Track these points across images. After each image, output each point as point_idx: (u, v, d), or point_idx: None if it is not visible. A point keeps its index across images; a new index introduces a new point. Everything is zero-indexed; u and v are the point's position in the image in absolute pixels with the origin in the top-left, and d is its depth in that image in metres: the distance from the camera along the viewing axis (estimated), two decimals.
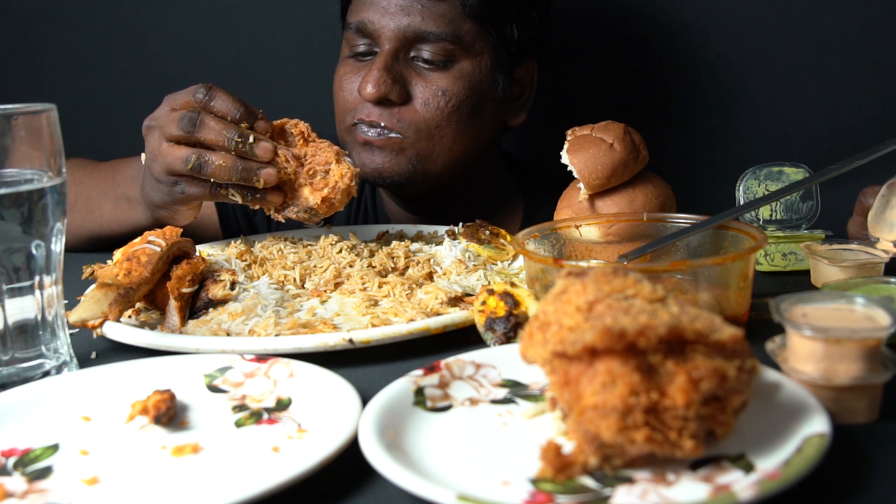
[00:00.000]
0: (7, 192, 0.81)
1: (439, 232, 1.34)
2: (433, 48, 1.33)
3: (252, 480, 0.63)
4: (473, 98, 1.36)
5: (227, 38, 1.96)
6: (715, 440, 0.64)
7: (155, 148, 1.14)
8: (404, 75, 1.34)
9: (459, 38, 1.33)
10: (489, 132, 1.45)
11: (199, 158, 1.09)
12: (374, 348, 0.90)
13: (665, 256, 1.01)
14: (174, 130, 1.10)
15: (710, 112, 1.76)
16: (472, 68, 1.36)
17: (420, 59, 1.34)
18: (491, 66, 1.38)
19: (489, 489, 0.61)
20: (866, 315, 0.72)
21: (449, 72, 1.34)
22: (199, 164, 1.09)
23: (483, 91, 1.38)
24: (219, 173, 1.10)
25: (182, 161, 1.10)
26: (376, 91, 1.30)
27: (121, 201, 1.37)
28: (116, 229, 1.38)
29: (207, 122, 1.09)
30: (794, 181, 1.14)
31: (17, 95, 1.12)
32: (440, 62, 1.33)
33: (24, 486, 0.67)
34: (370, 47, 1.37)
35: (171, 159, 1.11)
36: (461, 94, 1.35)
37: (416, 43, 1.33)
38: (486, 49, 1.37)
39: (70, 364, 0.89)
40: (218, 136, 1.09)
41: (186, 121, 1.09)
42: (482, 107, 1.39)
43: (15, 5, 2.06)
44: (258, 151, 1.10)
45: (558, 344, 0.62)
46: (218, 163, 1.09)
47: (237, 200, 1.13)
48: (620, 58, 1.78)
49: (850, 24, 1.65)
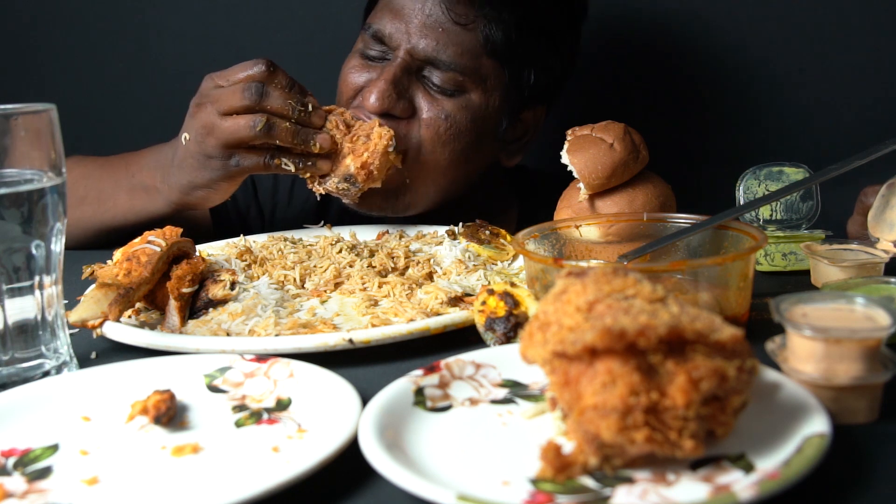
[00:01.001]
0: (7, 192, 0.81)
1: (439, 232, 1.34)
2: (443, 76, 1.30)
3: (252, 480, 0.63)
4: (474, 132, 1.33)
5: (227, 38, 1.96)
6: (715, 440, 0.64)
7: (209, 122, 1.18)
8: (411, 90, 1.30)
9: (473, 72, 1.30)
10: (479, 167, 1.42)
11: (269, 121, 1.16)
12: (374, 348, 0.90)
13: (665, 256, 1.01)
14: (237, 102, 1.16)
15: (710, 112, 1.76)
16: (480, 102, 1.33)
17: (430, 81, 1.31)
18: (499, 105, 1.35)
19: (489, 489, 0.61)
20: (866, 315, 0.72)
21: (455, 99, 1.31)
22: (269, 125, 1.16)
23: (485, 127, 1.35)
24: (285, 136, 1.17)
25: (248, 127, 1.15)
26: (379, 105, 1.27)
27: (137, 191, 1.36)
28: (132, 219, 1.37)
29: (272, 91, 1.17)
30: (794, 181, 1.14)
31: (17, 95, 1.11)
32: (448, 90, 1.31)
33: (24, 486, 0.67)
34: (383, 54, 1.34)
35: (234, 128, 1.16)
36: (463, 123, 1.31)
37: (427, 65, 1.30)
38: (498, 87, 1.34)
39: (70, 364, 0.89)
40: (283, 105, 1.16)
41: (253, 90, 1.16)
42: (480, 142, 1.36)
43: (15, 5, 2.06)
44: (315, 119, 1.20)
45: (558, 344, 0.62)
46: (284, 125, 1.17)
47: (290, 169, 1.20)
48: (621, 58, 1.78)
49: (850, 24, 1.65)
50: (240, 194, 1.57)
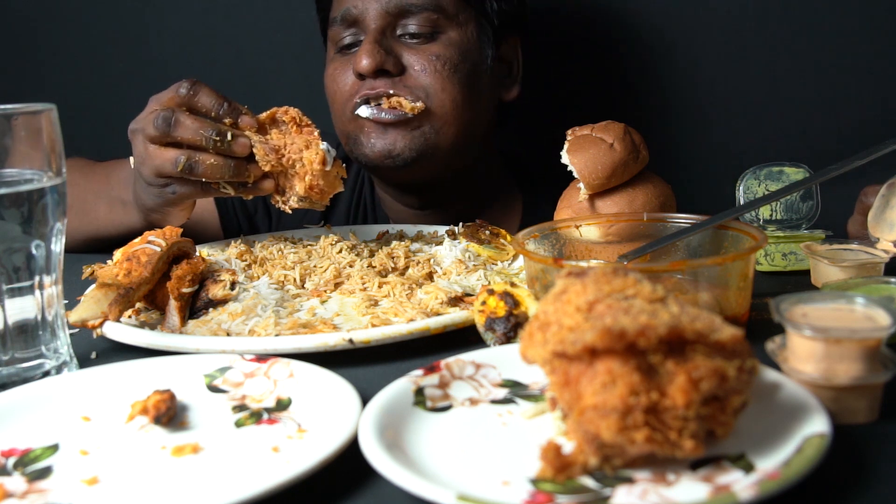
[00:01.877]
0: (7, 192, 0.81)
1: (439, 232, 1.34)
2: (418, 20, 1.34)
3: (252, 480, 0.63)
4: (466, 64, 1.38)
5: (227, 38, 1.96)
6: (715, 440, 0.64)
7: (141, 151, 1.13)
8: (395, 50, 1.35)
9: (442, 8, 1.36)
10: (487, 104, 1.46)
11: (190, 159, 1.08)
12: (374, 348, 0.90)
13: (665, 256, 1.01)
14: (151, 131, 1.09)
15: (710, 112, 1.76)
16: (459, 37, 1.38)
17: (407, 34, 1.35)
18: (477, 36, 1.40)
19: (489, 489, 0.61)
20: (866, 315, 0.72)
21: (437, 41, 1.36)
22: (190, 164, 1.08)
23: (474, 59, 1.40)
24: (210, 172, 1.09)
25: (171, 163, 1.09)
26: (372, 60, 1.31)
27: (115, 204, 1.36)
28: (112, 232, 1.38)
29: (182, 120, 1.08)
30: (794, 181, 1.14)
31: (17, 95, 1.11)
32: (427, 34, 1.35)
33: (24, 486, 0.67)
34: (356, 36, 1.38)
35: (160, 162, 1.10)
36: (454, 58, 1.36)
37: (400, 18, 1.35)
38: (469, 20, 1.39)
39: (70, 364, 0.89)
40: (194, 135, 1.08)
41: (161, 120, 1.08)
42: (476, 75, 1.40)
43: (15, 5, 2.06)
44: (236, 148, 1.09)
45: (558, 344, 0.62)
46: (209, 162, 1.09)
47: (230, 193, 1.13)
48: (621, 57, 1.78)
49: (850, 24, 1.65)
50: None
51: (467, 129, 1.40)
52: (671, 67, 1.75)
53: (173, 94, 1.11)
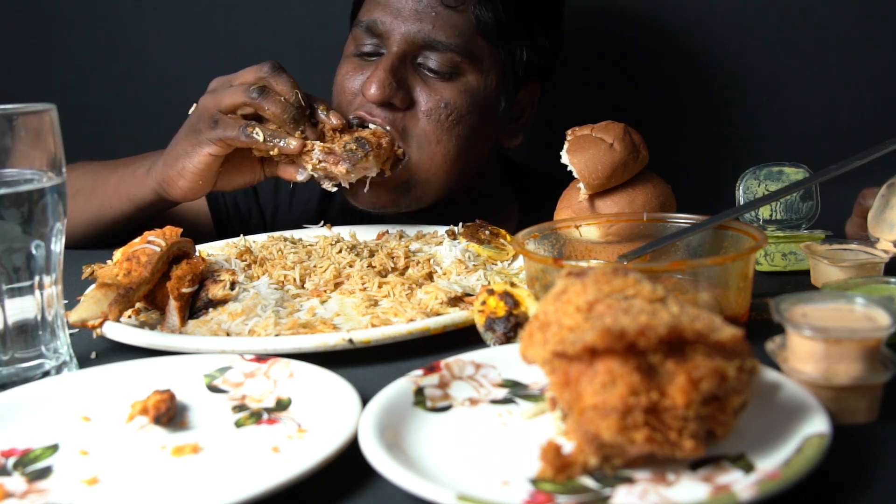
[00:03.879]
0: (7, 192, 0.81)
1: (439, 232, 1.34)
2: (441, 58, 1.31)
3: (252, 480, 0.63)
4: (475, 115, 1.34)
5: (227, 38, 1.96)
6: (715, 440, 0.64)
7: (223, 83, 1.25)
8: (409, 81, 1.31)
9: (469, 52, 1.32)
10: (484, 151, 1.43)
11: (266, 88, 1.21)
12: (374, 348, 0.90)
13: (665, 256, 1.01)
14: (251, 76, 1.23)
15: (710, 112, 1.76)
16: (478, 84, 1.34)
17: (426, 67, 1.32)
18: (496, 85, 1.37)
19: (489, 489, 0.61)
20: (866, 315, 0.72)
21: (454, 84, 1.32)
22: (263, 89, 1.20)
23: (485, 109, 1.36)
24: (275, 107, 1.20)
25: (243, 90, 1.20)
26: (380, 94, 1.28)
27: (126, 177, 1.38)
28: (116, 205, 1.39)
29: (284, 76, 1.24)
30: (794, 181, 1.14)
31: (17, 95, 1.11)
32: (446, 73, 1.31)
33: (24, 486, 0.67)
34: (377, 48, 1.35)
35: (232, 92, 1.21)
36: (463, 108, 1.32)
37: (424, 50, 1.31)
38: (494, 67, 1.36)
39: (70, 364, 0.89)
40: (289, 89, 1.22)
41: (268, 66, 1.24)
42: (482, 125, 1.37)
43: (15, 5, 2.06)
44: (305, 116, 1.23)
45: (558, 344, 0.62)
46: (279, 98, 1.21)
47: (258, 139, 1.19)
48: (621, 58, 1.78)
49: (850, 24, 1.65)
50: (241, 199, 1.57)
51: (454, 179, 1.38)
52: (671, 67, 1.75)
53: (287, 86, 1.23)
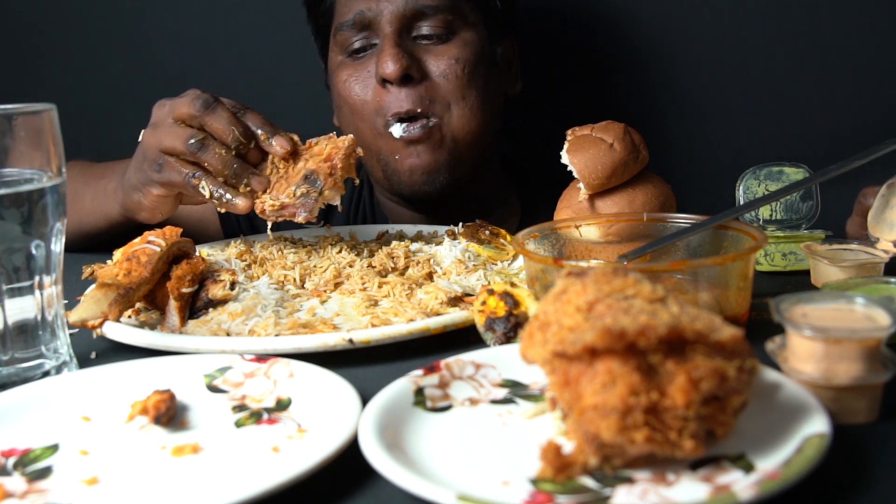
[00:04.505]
0: (7, 192, 0.81)
1: (439, 232, 1.34)
2: (433, 21, 1.34)
3: (252, 480, 0.63)
4: (482, 64, 1.38)
5: (227, 38, 1.96)
6: (715, 440, 0.64)
7: (162, 118, 1.13)
8: (415, 53, 1.34)
9: (456, 9, 1.36)
10: (499, 102, 1.47)
11: (205, 140, 1.09)
12: (374, 348, 0.90)
13: (665, 256, 1.01)
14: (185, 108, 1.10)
15: (710, 112, 1.76)
16: (473, 37, 1.38)
17: (422, 35, 1.35)
18: (487, 35, 1.41)
19: (489, 489, 0.61)
20: (866, 315, 0.72)
21: (453, 43, 1.36)
22: (201, 143, 1.09)
23: (486, 58, 1.40)
24: (215, 161, 1.09)
25: (184, 138, 1.09)
26: (398, 66, 1.29)
27: (100, 193, 1.37)
28: (92, 222, 1.39)
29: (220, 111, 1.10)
30: (794, 181, 1.14)
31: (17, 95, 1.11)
32: (442, 35, 1.35)
33: (24, 486, 0.67)
34: (368, 40, 1.36)
35: (172, 134, 1.10)
36: (472, 59, 1.36)
37: (415, 21, 1.34)
38: (479, 21, 1.40)
39: (70, 364, 0.89)
40: (225, 128, 1.09)
41: (201, 102, 1.09)
42: (490, 74, 1.41)
43: (15, 5, 2.06)
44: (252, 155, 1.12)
45: (558, 344, 0.62)
46: (219, 151, 1.09)
47: (205, 195, 1.10)
48: (621, 57, 1.78)
49: (850, 24, 1.64)
50: None
51: (485, 132, 1.40)
52: (671, 67, 1.75)
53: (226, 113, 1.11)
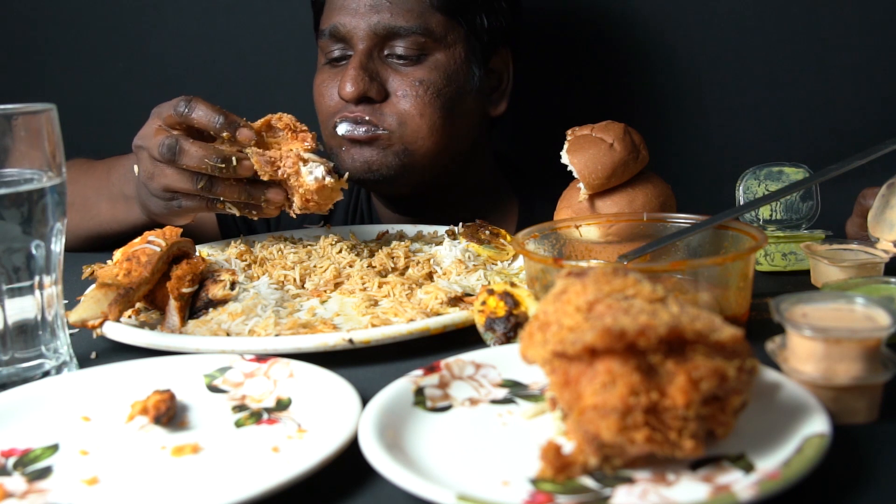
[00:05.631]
0: (7, 192, 0.81)
1: (439, 232, 1.34)
2: (406, 42, 1.34)
3: (252, 480, 0.63)
4: (451, 88, 1.38)
5: (227, 38, 1.96)
6: (715, 440, 0.64)
7: (149, 168, 1.13)
8: (380, 73, 1.35)
9: (430, 31, 1.35)
10: (472, 124, 1.46)
11: (211, 179, 1.10)
12: (374, 348, 0.90)
13: (665, 256, 1.01)
14: (157, 155, 1.09)
15: (710, 112, 1.76)
16: (447, 59, 1.37)
17: (394, 55, 1.35)
18: (465, 57, 1.40)
19: (489, 489, 0.61)
20: (866, 315, 0.72)
21: (423, 64, 1.36)
22: (210, 184, 1.10)
23: (459, 81, 1.39)
24: (228, 193, 1.11)
25: (189, 181, 1.10)
26: (355, 89, 1.31)
27: (117, 200, 1.37)
28: (115, 228, 1.38)
29: (187, 148, 1.08)
30: (794, 181, 1.14)
31: (17, 95, 1.11)
32: (413, 56, 1.35)
33: (24, 486, 0.67)
34: (344, 51, 1.39)
35: (171, 180, 1.10)
36: (438, 83, 1.36)
37: (388, 40, 1.35)
38: (458, 40, 1.39)
39: (70, 364, 0.89)
40: (200, 163, 1.08)
41: (165, 149, 1.08)
42: (461, 97, 1.40)
43: (15, 5, 2.06)
44: (241, 171, 1.10)
45: (558, 344, 0.62)
46: (227, 183, 1.10)
47: (234, 212, 1.14)
48: (621, 57, 1.78)
49: (850, 24, 1.65)
50: None
51: (445, 149, 1.40)
52: (671, 67, 1.75)
53: (171, 111, 1.11)
